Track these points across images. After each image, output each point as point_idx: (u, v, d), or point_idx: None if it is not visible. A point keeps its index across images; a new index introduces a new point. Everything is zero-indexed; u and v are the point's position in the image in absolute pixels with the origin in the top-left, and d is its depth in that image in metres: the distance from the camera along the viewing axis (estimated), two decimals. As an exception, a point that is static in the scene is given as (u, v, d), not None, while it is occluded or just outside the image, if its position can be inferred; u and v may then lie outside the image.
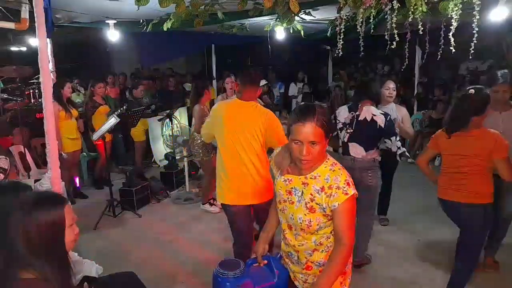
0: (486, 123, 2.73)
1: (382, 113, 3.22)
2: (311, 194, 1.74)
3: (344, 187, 1.69)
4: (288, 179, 1.83)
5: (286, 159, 1.84)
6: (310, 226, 1.76)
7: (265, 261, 1.96)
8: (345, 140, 3.31)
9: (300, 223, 1.78)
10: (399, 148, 3.21)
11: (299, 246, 1.84)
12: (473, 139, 2.62)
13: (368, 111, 3.23)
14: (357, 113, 3.28)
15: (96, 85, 5.66)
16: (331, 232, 1.79)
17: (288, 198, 1.83)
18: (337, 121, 3.39)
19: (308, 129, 1.64)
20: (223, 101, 3.02)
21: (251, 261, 1.98)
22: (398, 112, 3.94)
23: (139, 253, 3.91)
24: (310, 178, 1.76)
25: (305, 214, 1.76)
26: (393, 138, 3.20)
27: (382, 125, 3.17)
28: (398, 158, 3.33)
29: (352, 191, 1.70)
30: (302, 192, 1.77)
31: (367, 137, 3.24)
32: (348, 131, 3.30)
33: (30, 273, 1.40)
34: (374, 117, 3.19)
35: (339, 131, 3.38)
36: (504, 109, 3.31)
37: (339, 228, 1.72)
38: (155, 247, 4.01)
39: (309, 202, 1.74)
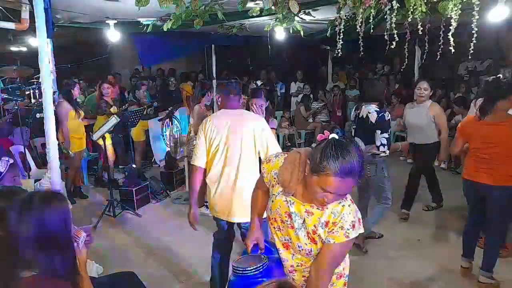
0: None
1: (376, 111, 3.48)
2: (315, 226, 1.60)
3: (348, 229, 1.54)
4: (290, 201, 1.64)
5: (294, 181, 1.58)
6: (311, 254, 1.67)
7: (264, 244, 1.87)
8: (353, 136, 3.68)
9: (299, 250, 1.68)
10: (382, 144, 3.40)
11: (297, 266, 1.75)
12: (504, 128, 2.85)
13: (365, 109, 3.56)
14: (358, 111, 3.68)
15: (101, 86, 5.67)
16: None
17: (286, 220, 1.67)
18: (351, 121, 3.86)
19: (347, 184, 1.43)
20: (211, 116, 2.88)
21: (255, 251, 1.84)
22: (431, 111, 4.16)
23: (139, 253, 3.92)
24: (317, 208, 1.59)
25: (305, 244, 1.65)
26: (377, 131, 3.41)
27: (373, 121, 3.44)
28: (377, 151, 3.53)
29: (353, 234, 1.56)
30: (304, 220, 1.62)
31: (364, 132, 3.56)
32: (353, 127, 3.73)
33: (31, 271, 1.44)
34: (369, 114, 3.49)
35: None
36: None
37: (322, 263, 1.60)
38: (155, 247, 4.02)
39: (311, 233, 1.62)
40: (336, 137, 1.47)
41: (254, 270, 1.59)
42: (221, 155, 2.62)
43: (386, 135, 3.41)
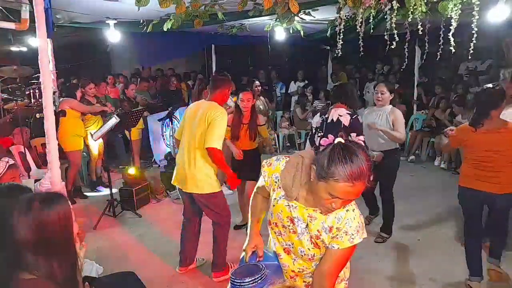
0: None
1: (348, 113, 3.36)
2: (318, 231, 1.57)
3: (353, 235, 1.53)
4: (293, 205, 1.61)
5: (297, 185, 1.56)
6: (313, 259, 1.66)
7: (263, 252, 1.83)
8: (318, 143, 3.33)
9: (302, 255, 1.66)
10: None
11: (298, 271, 1.73)
12: (504, 134, 2.78)
13: (335, 113, 3.39)
14: (326, 116, 3.46)
15: (87, 86, 5.69)
16: None
17: (288, 225, 1.64)
18: (312, 128, 3.58)
19: (357, 189, 1.38)
20: (191, 104, 3.47)
21: (253, 258, 1.81)
22: (391, 115, 3.79)
23: (139, 253, 3.92)
24: (320, 213, 1.56)
25: (309, 249, 1.63)
26: (352, 134, 3.28)
27: (346, 124, 3.31)
28: None
29: (358, 240, 1.54)
30: (307, 225, 1.59)
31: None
32: (319, 134, 3.46)
33: (31, 274, 1.41)
34: (340, 117, 3.34)
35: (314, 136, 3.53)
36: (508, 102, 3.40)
37: (326, 270, 1.59)
38: (155, 247, 4.01)
39: (314, 238, 1.60)
40: (342, 141, 1.43)
41: (252, 282, 1.56)
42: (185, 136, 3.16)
43: (362, 137, 3.31)
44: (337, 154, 1.38)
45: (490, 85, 2.87)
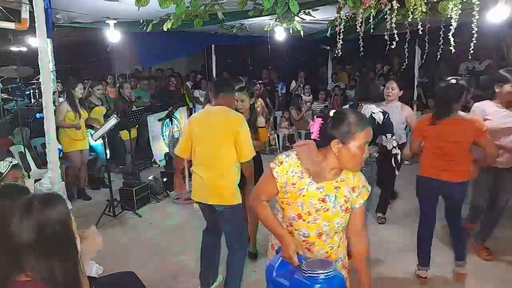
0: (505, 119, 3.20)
1: (381, 111, 3.42)
2: (345, 196, 1.81)
3: (366, 185, 1.88)
4: (322, 186, 1.78)
5: (323, 167, 1.77)
6: (345, 225, 1.86)
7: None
8: None
9: (338, 227, 1.82)
10: (394, 147, 3.40)
11: (330, 250, 1.86)
12: (457, 126, 2.92)
13: (367, 109, 3.44)
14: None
15: (95, 87, 5.72)
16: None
17: (322, 206, 1.79)
18: None
19: (371, 130, 1.75)
20: (195, 114, 3.20)
21: (300, 259, 1.76)
22: (402, 112, 4.11)
23: (139, 253, 3.92)
24: (341, 181, 1.82)
25: (341, 217, 1.82)
26: (388, 135, 3.41)
27: (380, 122, 3.38)
28: (393, 163, 3.48)
29: (369, 187, 1.90)
30: (335, 197, 1.79)
31: None
32: None
33: (27, 276, 1.40)
34: (373, 115, 3.39)
35: None
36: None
37: (360, 227, 1.88)
38: (155, 247, 4.02)
39: (344, 204, 1.81)
40: (332, 114, 1.75)
41: (332, 270, 1.66)
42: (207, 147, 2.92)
43: (394, 137, 3.45)
44: (345, 117, 1.70)
45: (453, 81, 3.01)
